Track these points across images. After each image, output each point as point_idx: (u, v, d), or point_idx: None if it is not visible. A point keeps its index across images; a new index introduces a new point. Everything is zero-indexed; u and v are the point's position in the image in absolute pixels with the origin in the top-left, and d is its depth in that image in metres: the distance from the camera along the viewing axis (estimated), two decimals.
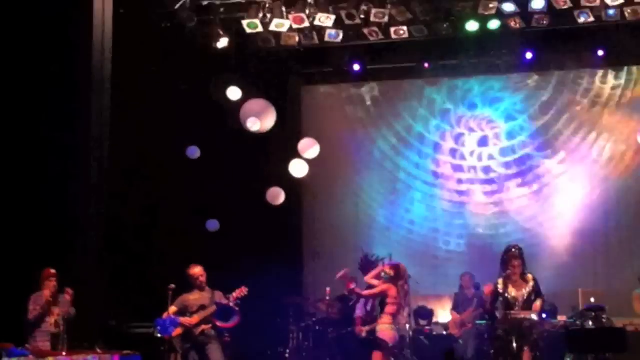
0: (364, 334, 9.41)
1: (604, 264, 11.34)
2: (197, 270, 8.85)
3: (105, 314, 9.56)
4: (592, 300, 9.76)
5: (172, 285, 8.76)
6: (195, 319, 8.68)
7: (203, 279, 8.83)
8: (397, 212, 12.42)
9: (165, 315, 8.73)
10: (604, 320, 9.40)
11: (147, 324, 9.11)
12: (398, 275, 8.73)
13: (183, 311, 8.79)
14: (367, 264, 9.75)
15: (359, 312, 9.75)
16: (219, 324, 8.65)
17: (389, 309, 8.57)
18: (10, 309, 8.74)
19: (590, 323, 9.39)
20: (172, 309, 8.74)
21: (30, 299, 8.69)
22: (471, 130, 12.43)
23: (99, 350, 8.46)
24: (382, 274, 8.73)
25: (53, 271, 8.73)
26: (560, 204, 11.97)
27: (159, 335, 8.69)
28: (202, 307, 8.74)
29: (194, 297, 8.82)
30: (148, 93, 10.70)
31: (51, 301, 8.67)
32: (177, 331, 8.73)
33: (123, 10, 9.98)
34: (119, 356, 8.53)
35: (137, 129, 10.65)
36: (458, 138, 12.44)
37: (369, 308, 9.59)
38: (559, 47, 11.44)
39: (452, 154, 12.44)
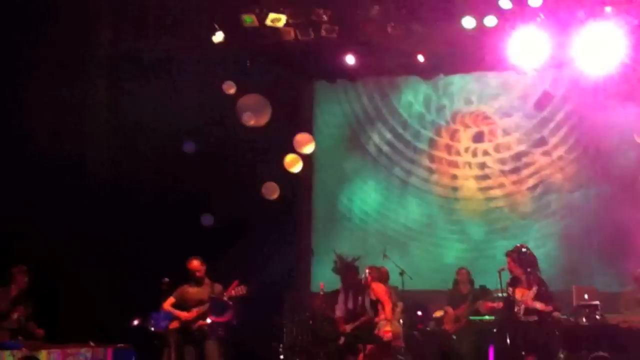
0: (348, 331, 9.41)
1: (598, 261, 11.35)
2: (194, 264, 8.76)
3: (99, 308, 9.57)
4: (586, 297, 9.77)
5: (167, 280, 8.74)
6: (192, 313, 8.62)
7: (200, 274, 8.75)
8: (391, 207, 12.42)
9: (163, 307, 8.67)
10: (597, 317, 9.42)
11: (141, 318, 9.10)
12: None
13: (181, 303, 8.73)
14: (344, 267, 9.72)
15: (339, 312, 9.70)
16: (212, 318, 8.61)
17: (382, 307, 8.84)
18: None
19: (584, 320, 9.41)
20: (171, 299, 8.69)
21: None
22: (466, 126, 12.44)
23: (92, 344, 8.48)
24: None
25: (24, 267, 8.73)
26: (555, 200, 11.98)
27: (153, 330, 8.68)
28: (201, 302, 8.69)
29: (193, 291, 8.74)
30: (146, 88, 10.72)
31: (18, 298, 8.67)
32: (174, 324, 8.66)
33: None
34: (112, 350, 8.54)
35: (134, 124, 10.68)
36: (453, 134, 12.45)
37: (350, 306, 9.56)
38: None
39: (447, 150, 12.44)
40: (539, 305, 8.19)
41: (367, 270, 9.52)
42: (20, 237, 9.22)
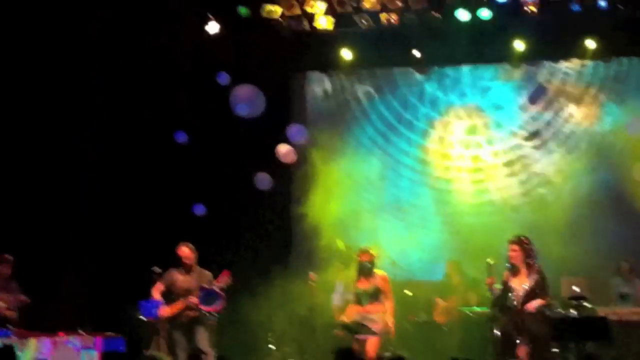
0: (347, 320, 9.34)
1: (587, 253, 11.33)
2: (184, 251, 8.63)
3: (89, 297, 9.61)
4: (575, 288, 9.79)
5: (157, 269, 8.73)
6: (179, 304, 8.57)
7: (188, 261, 8.63)
8: (384, 199, 12.44)
9: (151, 294, 8.62)
10: (586, 309, 9.45)
11: (131, 306, 9.13)
12: None
13: (169, 290, 8.67)
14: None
15: (336, 302, 9.66)
16: (202, 307, 8.59)
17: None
18: None
19: (573, 312, 9.44)
20: (159, 286, 8.62)
21: None
22: (460, 118, 12.45)
23: (81, 332, 8.51)
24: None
25: (8, 257, 8.74)
26: (547, 193, 11.99)
27: (143, 318, 8.68)
28: (188, 292, 8.63)
29: (181, 278, 8.65)
30: (138, 78, 10.75)
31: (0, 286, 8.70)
32: (164, 313, 8.63)
33: None
34: (102, 338, 8.57)
35: (127, 113, 10.72)
36: (446, 126, 12.46)
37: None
38: (549, 37, 11.45)
39: (441, 142, 12.45)
40: (535, 302, 8.19)
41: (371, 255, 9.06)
42: (8, 226, 9.26)
